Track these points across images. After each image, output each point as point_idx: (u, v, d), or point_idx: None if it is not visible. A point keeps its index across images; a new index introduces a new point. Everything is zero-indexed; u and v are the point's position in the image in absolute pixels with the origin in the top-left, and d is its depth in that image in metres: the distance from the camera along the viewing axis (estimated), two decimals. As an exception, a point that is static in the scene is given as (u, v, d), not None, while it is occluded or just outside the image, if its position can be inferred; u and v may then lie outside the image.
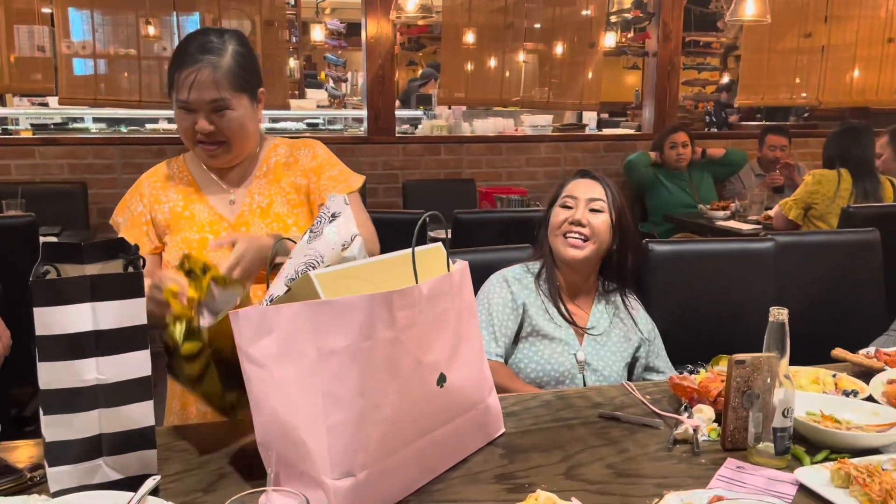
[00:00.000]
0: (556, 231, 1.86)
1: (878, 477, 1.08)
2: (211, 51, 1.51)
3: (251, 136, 1.61)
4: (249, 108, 1.57)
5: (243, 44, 1.57)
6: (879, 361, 1.63)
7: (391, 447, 1.10)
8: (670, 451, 1.30)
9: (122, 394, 1.09)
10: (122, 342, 1.08)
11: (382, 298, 1.06)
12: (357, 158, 4.69)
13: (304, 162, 1.66)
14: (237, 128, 1.55)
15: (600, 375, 1.82)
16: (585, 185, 1.87)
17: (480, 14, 5.04)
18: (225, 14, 4.57)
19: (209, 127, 1.53)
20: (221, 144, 1.56)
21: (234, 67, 1.52)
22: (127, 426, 1.10)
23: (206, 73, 1.49)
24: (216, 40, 1.53)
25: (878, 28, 5.33)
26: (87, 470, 1.10)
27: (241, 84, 1.53)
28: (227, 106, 1.52)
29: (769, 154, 4.63)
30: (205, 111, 1.52)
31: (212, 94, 1.50)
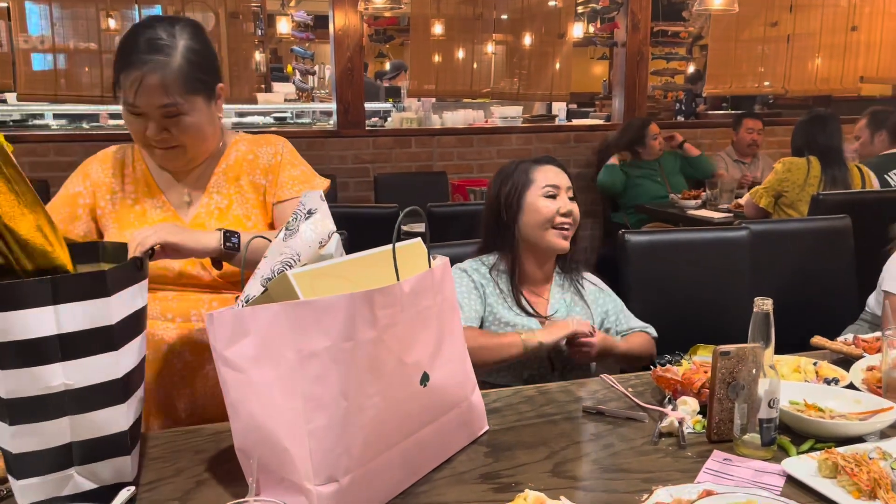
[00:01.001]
0: (546, 223, 1.80)
1: (866, 466, 1.08)
2: (159, 49, 1.35)
3: (210, 138, 1.48)
4: (206, 110, 1.43)
5: (197, 37, 1.41)
6: (858, 348, 1.64)
7: (375, 450, 1.07)
8: (656, 445, 1.28)
9: (92, 399, 1.04)
10: (89, 345, 1.03)
11: (363, 297, 1.03)
12: (327, 152, 4.63)
13: (264, 160, 1.54)
14: (193, 133, 1.42)
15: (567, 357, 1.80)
16: (557, 173, 1.85)
17: (448, 5, 5.00)
18: (188, 6, 4.47)
19: (161, 134, 1.39)
20: (177, 148, 1.43)
21: (187, 68, 1.36)
22: (99, 433, 1.06)
23: (154, 77, 1.33)
24: (165, 36, 1.36)
25: (842, 17, 5.40)
26: (57, 481, 1.05)
27: (194, 86, 1.38)
28: (180, 111, 1.38)
29: (747, 137, 4.68)
30: (156, 117, 1.37)
31: (162, 100, 1.35)
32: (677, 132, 4.66)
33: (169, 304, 1.42)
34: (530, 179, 1.83)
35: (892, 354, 1.37)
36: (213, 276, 1.43)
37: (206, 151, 1.50)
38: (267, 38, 8.37)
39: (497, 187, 1.86)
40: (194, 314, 1.43)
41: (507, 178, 1.85)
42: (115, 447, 1.07)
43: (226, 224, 1.46)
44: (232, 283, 1.46)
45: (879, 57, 5.54)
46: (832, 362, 1.60)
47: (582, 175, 5.11)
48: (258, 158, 1.53)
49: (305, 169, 1.58)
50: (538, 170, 1.84)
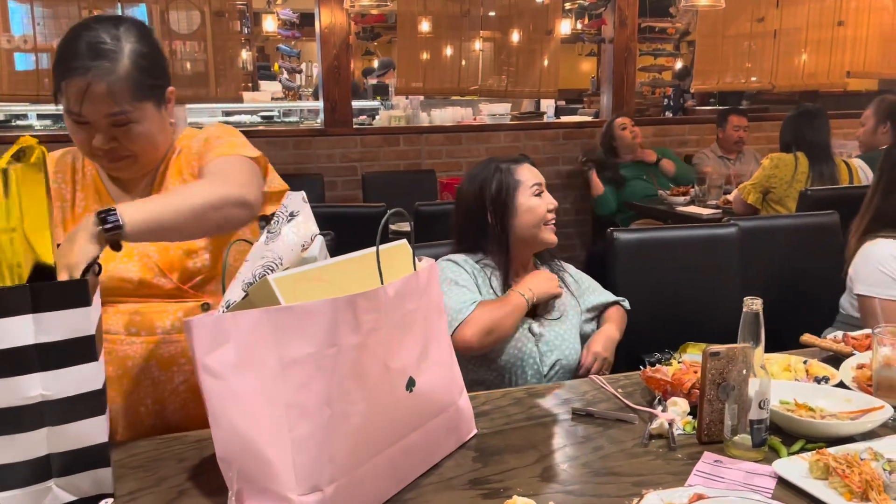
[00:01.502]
0: (539, 222, 1.81)
1: (858, 467, 1.06)
2: (104, 55, 1.24)
3: (160, 145, 1.39)
4: (156, 116, 1.34)
5: (143, 39, 1.31)
6: (848, 346, 1.63)
7: (360, 458, 1.04)
8: (646, 447, 1.27)
9: (71, 410, 1.02)
10: (68, 355, 1.00)
11: (346, 302, 1.00)
12: (314, 151, 4.60)
13: (196, 147, 1.43)
14: (144, 141, 1.33)
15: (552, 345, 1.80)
16: (535, 171, 1.87)
17: (436, 2, 4.97)
18: (172, 5, 4.42)
19: (109, 144, 1.30)
20: (126, 158, 1.33)
21: (134, 73, 1.27)
22: (78, 444, 1.03)
23: (100, 85, 1.24)
24: (109, 40, 1.26)
25: (828, 11, 5.41)
26: (35, 494, 1.02)
27: (143, 92, 1.29)
28: (129, 120, 1.28)
29: (733, 134, 4.67)
30: (103, 126, 1.28)
31: (109, 109, 1.26)
32: (650, 150, 4.64)
33: (132, 318, 1.35)
34: (517, 181, 1.81)
35: (882, 352, 1.36)
36: (174, 283, 1.36)
37: (157, 158, 1.41)
38: (253, 36, 8.32)
39: (476, 189, 1.83)
40: (159, 326, 1.36)
41: (489, 180, 1.82)
42: (95, 458, 1.05)
43: None
44: (196, 289, 1.38)
45: (866, 52, 5.54)
46: (823, 360, 1.59)
47: (571, 172, 5.10)
48: (191, 149, 1.44)
49: (235, 140, 1.41)
50: (520, 170, 1.83)
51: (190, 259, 1.36)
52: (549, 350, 1.79)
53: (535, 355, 1.78)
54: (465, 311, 1.69)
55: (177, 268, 1.36)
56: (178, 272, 1.36)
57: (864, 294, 2.00)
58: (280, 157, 4.52)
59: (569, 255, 4.51)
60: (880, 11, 5.53)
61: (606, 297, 1.98)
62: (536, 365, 1.78)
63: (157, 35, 4.38)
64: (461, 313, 1.68)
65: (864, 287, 2.00)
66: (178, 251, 1.35)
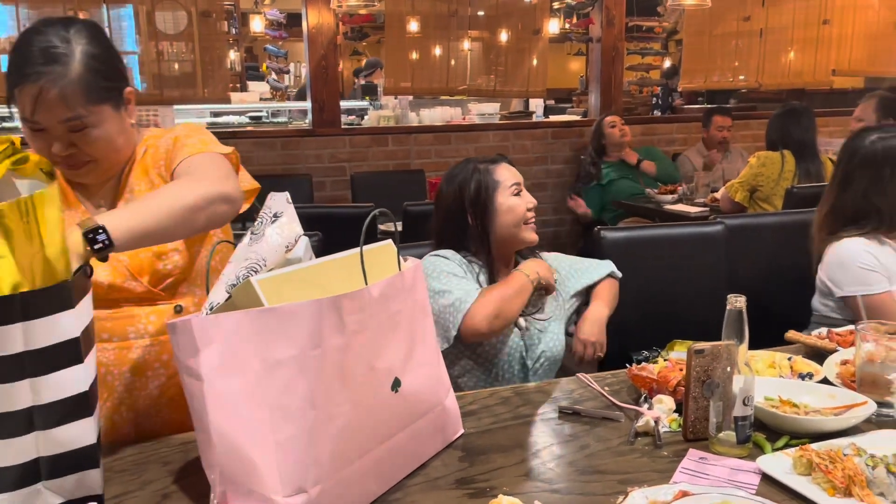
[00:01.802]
0: (519, 221, 1.81)
1: (841, 463, 1.07)
2: (55, 59, 1.21)
3: (122, 148, 1.35)
4: (115, 118, 1.31)
5: (95, 40, 1.27)
6: (832, 342, 1.64)
7: (345, 459, 1.04)
8: (632, 445, 1.27)
9: (60, 413, 1.01)
10: (57, 359, 0.99)
11: (330, 303, 1.00)
12: (302, 151, 4.59)
13: (163, 147, 1.40)
14: (103, 145, 1.30)
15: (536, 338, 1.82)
16: (514, 171, 1.87)
17: (424, 2, 4.97)
18: (159, 5, 4.41)
19: (68, 150, 1.27)
20: (87, 164, 1.31)
21: (88, 77, 1.23)
22: (67, 447, 1.02)
23: (53, 90, 1.20)
24: (60, 43, 1.23)
25: (814, 10, 5.44)
26: (25, 497, 1.01)
27: (99, 95, 1.26)
28: (86, 124, 1.25)
29: (717, 134, 4.69)
30: (59, 132, 1.25)
31: (64, 114, 1.23)
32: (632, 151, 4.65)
33: (103, 324, 1.32)
34: (496, 181, 1.82)
35: (865, 348, 1.37)
36: (145, 286, 1.34)
37: (120, 162, 1.38)
38: (241, 36, 8.29)
39: (456, 190, 1.83)
40: (132, 331, 1.34)
41: (468, 181, 1.82)
42: (83, 460, 1.04)
43: None
44: (167, 292, 1.37)
45: (851, 50, 5.58)
46: (807, 356, 1.60)
47: (559, 171, 5.11)
48: (158, 149, 1.41)
49: (204, 138, 1.40)
50: (498, 170, 1.83)
51: (160, 261, 1.35)
52: (533, 343, 1.80)
53: (520, 349, 1.79)
54: (471, 298, 1.69)
55: (147, 271, 1.34)
56: (149, 275, 1.34)
57: (850, 294, 2.00)
58: (268, 158, 4.51)
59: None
60: (865, 10, 5.57)
61: (589, 277, 1.96)
62: (523, 359, 1.79)
63: (144, 36, 4.40)
64: (466, 302, 1.68)
65: (849, 288, 2.00)
66: (147, 254, 1.34)
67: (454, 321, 1.68)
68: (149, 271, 1.34)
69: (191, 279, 1.40)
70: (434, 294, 1.71)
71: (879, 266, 1.96)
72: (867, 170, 1.99)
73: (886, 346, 1.36)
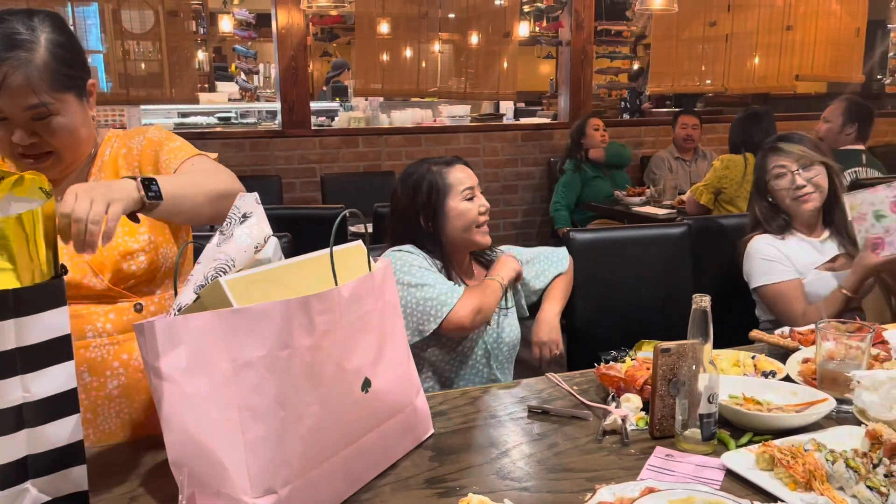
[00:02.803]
0: (470, 225, 1.82)
1: (801, 458, 1.10)
2: (19, 45, 1.20)
3: (85, 141, 1.34)
4: (78, 108, 1.29)
5: (60, 29, 1.26)
6: (794, 341, 1.68)
7: (315, 459, 1.04)
8: (600, 443, 1.29)
9: (49, 410, 1.00)
10: (47, 356, 0.99)
11: (299, 304, 1.00)
12: (272, 153, 4.56)
13: (136, 149, 1.40)
14: (66, 135, 1.28)
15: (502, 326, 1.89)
16: (469, 174, 1.86)
17: (394, 4, 4.97)
18: (125, 4, 4.35)
19: (30, 139, 1.25)
20: (49, 156, 1.29)
21: (53, 63, 1.23)
22: (55, 444, 1.01)
23: (17, 76, 1.19)
24: (24, 30, 1.22)
25: (777, 16, 5.55)
26: (12, 495, 1.00)
27: (63, 82, 1.25)
28: (50, 112, 1.24)
29: (682, 133, 4.77)
30: (22, 120, 1.23)
31: (28, 100, 1.21)
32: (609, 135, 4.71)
33: None
34: (448, 184, 1.82)
35: (825, 347, 1.41)
36: (106, 284, 1.32)
37: (81, 156, 1.36)
38: (210, 36, 8.21)
39: (410, 193, 1.83)
40: (90, 330, 1.31)
41: (420, 183, 1.82)
42: (71, 457, 1.03)
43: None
44: (130, 291, 1.35)
45: (814, 56, 5.70)
46: (770, 355, 1.63)
47: (529, 173, 5.14)
48: (132, 150, 1.40)
49: (182, 142, 1.42)
50: (452, 174, 1.83)
51: (125, 261, 1.33)
52: (493, 329, 1.87)
53: (484, 335, 1.86)
54: (455, 293, 1.74)
55: (109, 268, 1.32)
56: (111, 273, 1.33)
57: (758, 285, 2.17)
58: (237, 159, 4.47)
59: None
60: (827, 17, 5.69)
61: (545, 279, 2.01)
62: (485, 344, 1.86)
63: (110, 34, 4.34)
64: (451, 297, 1.73)
65: (756, 280, 2.17)
66: (112, 252, 1.32)
67: (436, 314, 1.71)
68: (111, 269, 1.32)
69: (155, 280, 1.38)
70: (408, 287, 1.73)
71: (781, 257, 2.13)
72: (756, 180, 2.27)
73: (846, 345, 1.39)
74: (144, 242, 1.35)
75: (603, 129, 4.62)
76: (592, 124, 4.60)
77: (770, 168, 2.18)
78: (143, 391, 1.37)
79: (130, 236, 1.35)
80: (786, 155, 2.16)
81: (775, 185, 2.17)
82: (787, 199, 2.16)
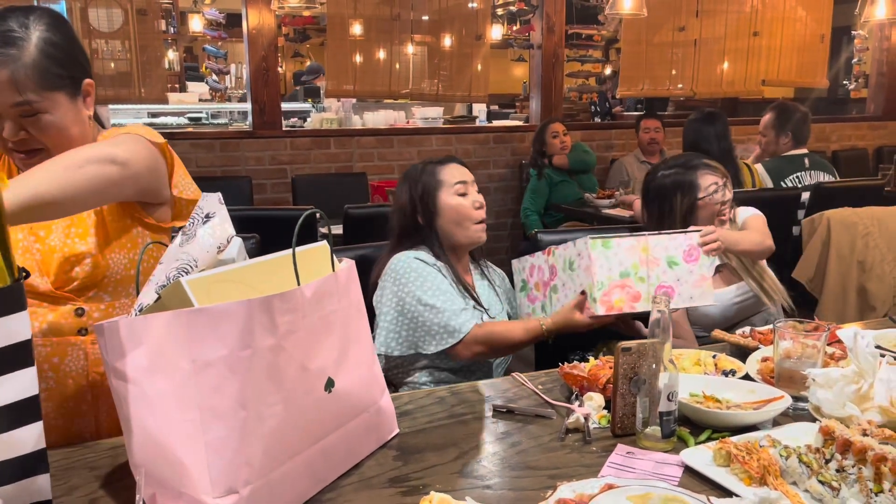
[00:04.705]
0: (464, 220, 1.85)
1: (756, 454, 1.12)
2: (10, 42, 1.21)
3: (77, 140, 1.32)
4: (69, 107, 1.30)
5: (55, 27, 1.27)
6: (754, 340, 1.71)
7: (277, 459, 1.04)
8: (562, 441, 1.31)
9: (10, 418, 0.98)
10: (7, 363, 0.97)
11: (261, 303, 1.00)
12: (242, 153, 4.53)
13: None
14: (55, 133, 1.28)
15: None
16: (462, 170, 1.91)
17: (366, 5, 4.97)
18: (93, 2, 4.30)
19: (17, 135, 1.26)
20: (39, 152, 1.29)
21: (41, 61, 1.23)
22: (17, 452, 0.99)
23: (3, 72, 1.20)
24: (17, 28, 1.23)
25: (745, 22, 5.65)
26: None
27: (52, 81, 1.25)
28: (37, 110, 1.25)
29: (645, 137, 4.84)
30: (10, 116, 1.24)
31: (13, 98, 1.22)
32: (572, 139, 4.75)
33: None
34: (440, 181, 1.86)
35: (783, 346, 1.44)
36: (48, 286, 1.30)
37: None
38: (180, 35, 8.13)
39: (407, 191, 1.89)
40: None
41: (416, 182, 1.88)
42: (34, 465, 1.01)
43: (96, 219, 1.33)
44: (73, 293, 1.33)
45: (780, 61, 5.81)
46: (731, 354, 1.67)
47: (501, 175, 5.17)
48: None
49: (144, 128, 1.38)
50: (444, 170, 1.88)
51: (69, 263, 1.31)
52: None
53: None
54: (466, 324, 1.76)
55: (54, 270, 1.31)
56: (55, 275, 1.31)
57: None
58: (207, 160, 4.44)
59: (498, 257, 4.57)
60: (793, 22, 5.80)
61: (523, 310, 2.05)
62: None
63: (78, 33, 4.27)
64: (462, 327, 1.76)
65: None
66: (58, 254, 1.30)
67: (439, 341, 1.76)
68: (56, 271, 1.30)
69: (101, 285, 1.35)
70: (418, 302, 1.77)
71: None
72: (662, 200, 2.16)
73: (802, 344, 1.42)
74: (93, 245, 1.32)
75: (563, 133, 4.63)
76: (551, 131, 4.62)
77: (708, 185, 2.10)
78: (70, 397, 1.34)
79: (80, 238, 1.33)
80: (713, 171, 2.12)
81: (711, 199, 2.09)
82: (711, 216, 2.10)
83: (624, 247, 1.78)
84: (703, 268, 1.83)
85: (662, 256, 1.81)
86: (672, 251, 1.82)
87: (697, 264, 1.83)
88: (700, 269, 1.83)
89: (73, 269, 1.31)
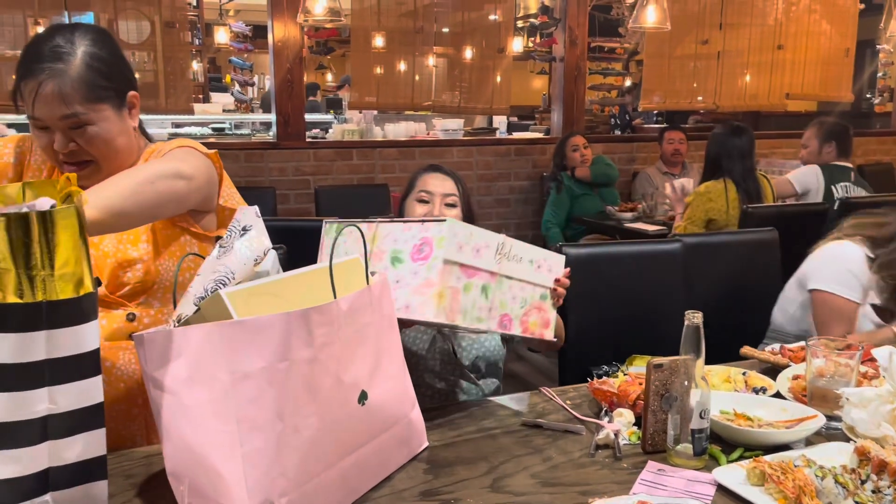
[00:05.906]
0: None
1: (792, 474, 1.11)
2: (57, 57, 1.26)
3: (123, 151, 1.37)
4: (115, 119, 1.34)
5: (100, 42, 1.32)
6: (784, 358, 1.70)
7: (312, 471, 1.05)
8: (593, 457, 1.30)
9: (74, 423, 0.99)
10: (76, 369, 0.98)
11: (299, 316, 1.01)
12: (266, 164, 4.57)
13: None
14: (102, 145, 1.32)
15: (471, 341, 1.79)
16: (439, 181, 1.85)
17: (389, 18, 5.00)
18: (121, 15, 4.36)
19: (68, 147, 1.30)
20: (89, 164, 1.34)
21: (87, 75, 1.28)
22: (78, 457, 1.01)
23: (50, 85, 1.25)
24: (63, 43, 1.28)
25: (769, 35, 5.62)
26: None
27: (97, 93, 1.30)
28: (83, 122, 1.29)
29: (669, 148, 4.82)
30: (59, 128, 1.29)
31: (61, 110, 1.27)
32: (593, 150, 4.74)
33: None
34: (412, 185, 1.88)
35: (815, 364, 1.43)
36: (102, 290, 1.33)
37: (122, 165, 1.38)
38: (205, 47, 8.23)
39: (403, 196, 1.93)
40: None
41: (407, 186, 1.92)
42: (93, 472, 1.03)
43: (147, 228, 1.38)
44: (125, 299, 1.36)
45: (804, 74, 5.77)
46: (761, 372, 1.65)
47: (522, 187, 5.17)
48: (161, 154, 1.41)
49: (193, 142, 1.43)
50: (422, 177, 1.87)
51: (122, 269, 1.34)
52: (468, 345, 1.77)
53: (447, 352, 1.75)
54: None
55: (107, 275, 1.34)
56: (108, 280, 1.34)
57: (820, 289, 2.08)
58: (231, 170, 4.45)
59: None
60: (817, 36, 5.77)
61: None
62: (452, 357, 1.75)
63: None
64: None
65: (825, 283, 2.07)
66: (111, 260, 1.34)
67: None
68: (108, 277, 1.34)
69: (151, 291, 1.39)
70: None
71: (863, 277, 2.04)
72: None
73: (835, 362, 1.41)
74: (144, 251, 1.36)
75: (583, 146, 4.62)
76: (571, 144, 4.62)
77: None
78: (122, 401, 1.37)
79: (132, 245, 1.36)
80: None
81: None
82: None
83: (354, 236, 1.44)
84: (432, 270, 1.35)
85: (388, 250, 1.42)
86: (401, 244, 1.40)
87: (426, 264, 1.36)
88: (427, 272, 1.35)
89: (126, 275, 1.34)
